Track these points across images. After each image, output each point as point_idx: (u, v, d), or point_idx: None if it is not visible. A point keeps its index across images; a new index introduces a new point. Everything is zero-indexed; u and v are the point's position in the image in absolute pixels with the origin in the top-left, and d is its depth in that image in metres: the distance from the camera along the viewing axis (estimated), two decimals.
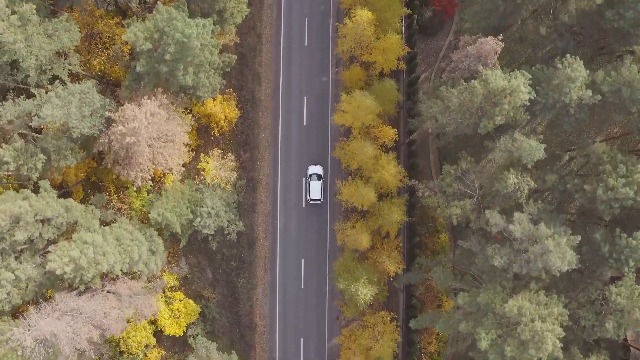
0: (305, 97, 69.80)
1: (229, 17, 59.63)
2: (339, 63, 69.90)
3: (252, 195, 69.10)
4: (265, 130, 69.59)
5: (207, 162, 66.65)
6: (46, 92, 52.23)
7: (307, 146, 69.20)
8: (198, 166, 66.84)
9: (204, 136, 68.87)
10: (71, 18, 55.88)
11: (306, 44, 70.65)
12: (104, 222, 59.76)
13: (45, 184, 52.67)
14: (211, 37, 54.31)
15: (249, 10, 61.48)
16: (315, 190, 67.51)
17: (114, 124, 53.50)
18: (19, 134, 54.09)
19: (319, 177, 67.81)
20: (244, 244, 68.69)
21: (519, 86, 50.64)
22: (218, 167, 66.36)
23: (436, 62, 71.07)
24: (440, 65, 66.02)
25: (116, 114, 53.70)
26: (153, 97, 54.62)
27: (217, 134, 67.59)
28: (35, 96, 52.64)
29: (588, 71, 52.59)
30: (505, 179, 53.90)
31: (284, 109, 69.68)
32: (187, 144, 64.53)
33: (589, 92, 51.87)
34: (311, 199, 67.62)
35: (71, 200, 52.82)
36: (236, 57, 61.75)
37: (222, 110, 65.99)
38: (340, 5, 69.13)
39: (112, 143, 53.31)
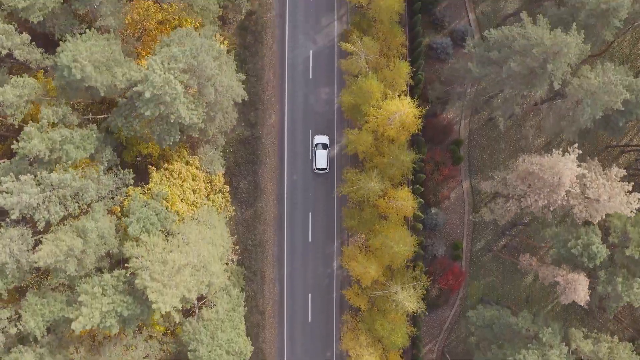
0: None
1: None
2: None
3: None
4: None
5: None
6: None
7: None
8: None
9: None
10: None
11: (309, 320, 69.29)
12: None
13: None
14: None
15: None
16: (322, 159, 68.18)
17: None
18: None
19: (324, 146, 68.24)
20: None
21: None
22: None
23: (440, 333, 70.73)
24: None
25: None
26: None
27: None
28: None
29: None
30: None
31: None
32: None
33: None
34: (317, 168, 68.41)
35: None
36: None
37: None
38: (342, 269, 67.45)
39: None
